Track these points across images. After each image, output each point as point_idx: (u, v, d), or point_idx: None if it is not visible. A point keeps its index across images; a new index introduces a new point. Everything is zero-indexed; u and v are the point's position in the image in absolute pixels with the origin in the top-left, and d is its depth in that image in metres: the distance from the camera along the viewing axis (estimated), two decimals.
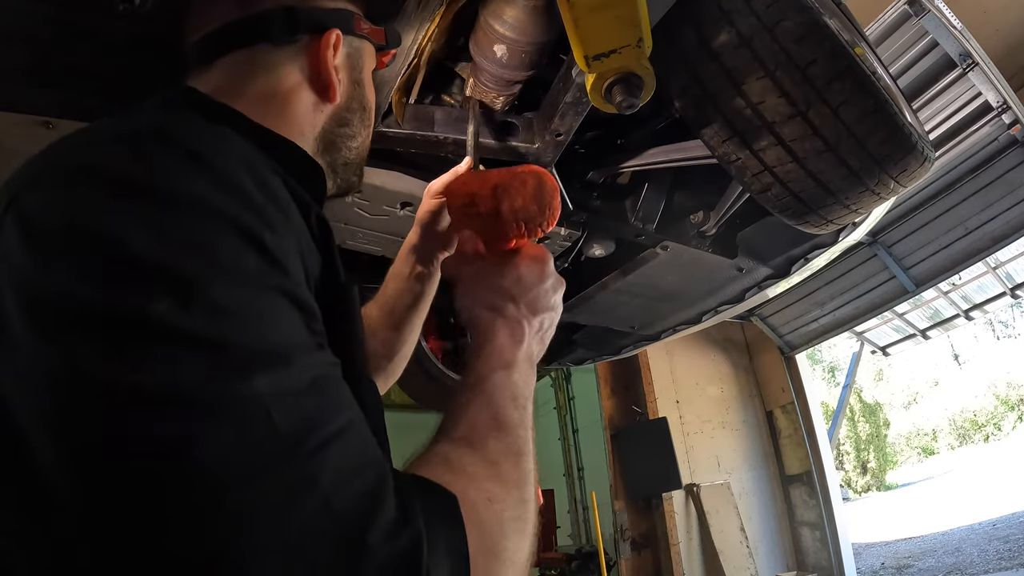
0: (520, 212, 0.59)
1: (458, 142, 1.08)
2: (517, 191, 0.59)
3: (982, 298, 5.70)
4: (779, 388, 6.11)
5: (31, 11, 0.74)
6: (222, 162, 0.40)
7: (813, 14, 0.92)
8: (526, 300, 0.60)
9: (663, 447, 5.02)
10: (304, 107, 0.60)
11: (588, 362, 2.43)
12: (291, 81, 0.59)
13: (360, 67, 0.66)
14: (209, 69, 0.58)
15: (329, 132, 0.63)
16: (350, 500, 0.32)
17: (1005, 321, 20.32)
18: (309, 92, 0.60)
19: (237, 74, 0.58)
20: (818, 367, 18.89)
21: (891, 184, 1.04)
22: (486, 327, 0.57)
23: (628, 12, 0.69)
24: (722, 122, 1.01)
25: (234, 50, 0.59)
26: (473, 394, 0.51)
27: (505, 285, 0.60)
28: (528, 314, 0.60)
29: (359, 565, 0.30)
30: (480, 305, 0.59)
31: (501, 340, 0.56)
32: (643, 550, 5.09)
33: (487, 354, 0.55)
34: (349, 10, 0.66)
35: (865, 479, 17.10)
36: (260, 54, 0.59)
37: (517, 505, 0.43)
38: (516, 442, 0.48)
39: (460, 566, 0.36)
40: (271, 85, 0.58)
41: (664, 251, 1.52)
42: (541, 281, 0.61)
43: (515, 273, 0.60)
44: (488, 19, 0.96)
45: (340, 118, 0.64)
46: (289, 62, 0.60)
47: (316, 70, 0.60)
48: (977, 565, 5.47)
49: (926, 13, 2.82)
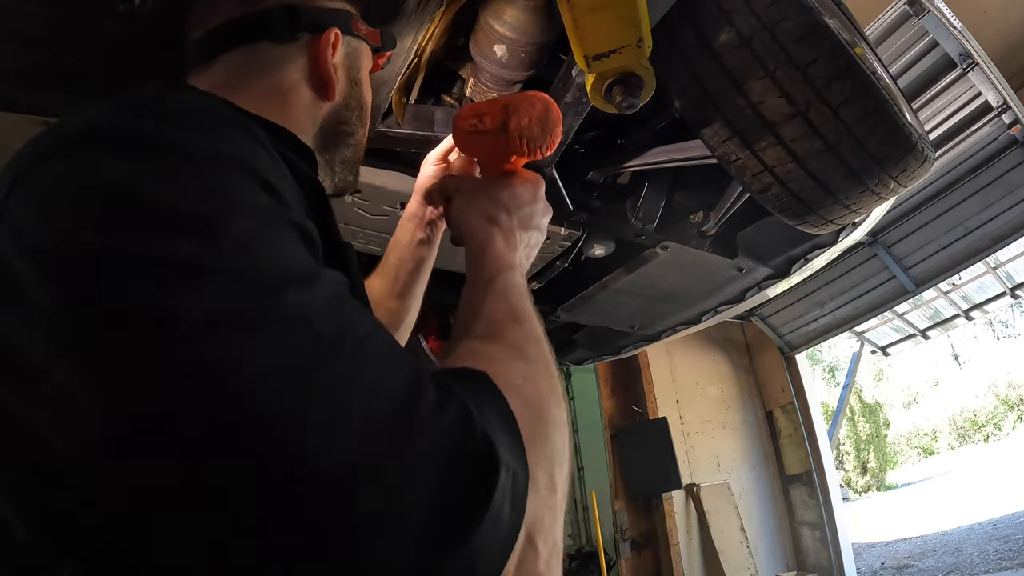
0: (525, 130, 0.62)
1: None
2: (526, 110, 0.62)
3: (982, 298, 5.71)
4: (779, 388, 6.11)
5: (31, 11, 0.74)
6: (216, 120, 0.42)
7: (813, 14, 0.92)
8: (519, 215, 0.63)
9: (663, 447, 5.02)
10: (303, 103, 0.61)
11: (588, 362, 2.43)
12: (291, 78, 0.61)
13: (358, 67, 0.68)
14: (210, 66, 0.59)
15: (328, 129, 0.64)
16: (397, 384, 0.33)
17: (1005, 321, 20.34)
18: (308, 89, 0.62)
19: (238, 70, 0.59)
20: (818, 367, 18.89)
21: (891, 184, 1.04)
22: (483, 235, 0.60)
23: (628, 12, 0.69)
24: (722, 122, 1.01)
25: (236, 47, 0.59)
26: (485, 293, 0.53)
27: (501, 198, 0.63)
28: (519, 227, 0.63)
29: (415, 435, 0.31)
30: (476, 215, 0.62)
31: (499, 246, 0.59)
32: (643, 550, 5.09)
33: (490, 259, 0.57)
34: (347, 11, 0.67)
35: (865, 479, 17.11)
36: (261, 51, 0.60)
37: (549, 378, 0.46)
38: (534, 329, 0.50)
39: (511, 426, 0.37)
40: (272, 81, 0.59)
41: (664, 251, 1.52)
42: (534, 201, 0.65)
43: (511, 189, 0.64)
44: (488, 19, 0.96)
45: (339, 115, 0.65)
46: (290, 59, 0.61)
47: (316, 68, 0.62)
48: (977, 565, 5.47)
49: (926, 13, 2.82)
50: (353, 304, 0.38)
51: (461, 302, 0.54)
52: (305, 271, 0.36)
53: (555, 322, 1.92)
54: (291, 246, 0.37)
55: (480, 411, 0.36)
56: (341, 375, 0.32)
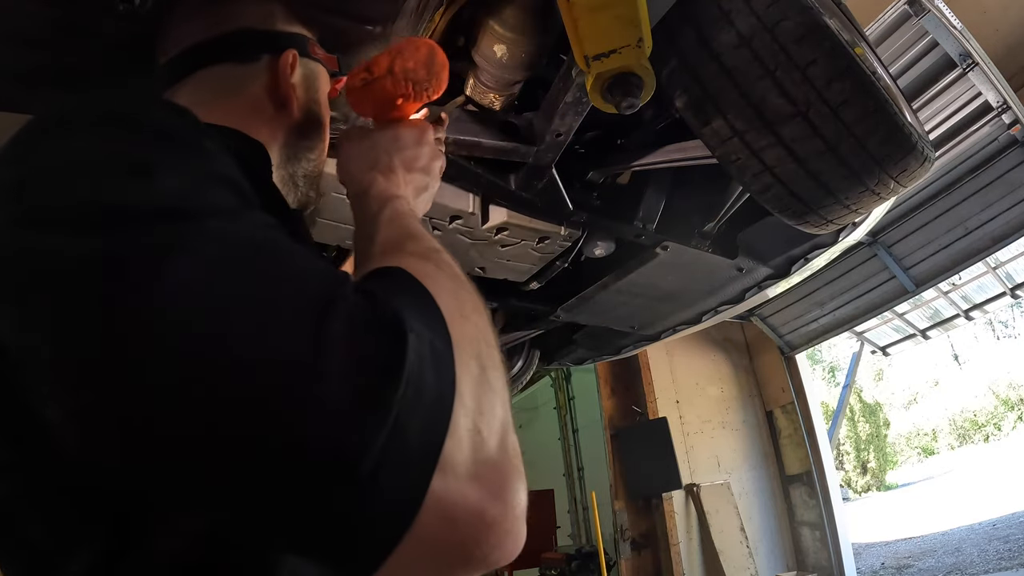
0: (411, 72, 0.64)
1: (458, 142, 1.08)
2: (410, 54, 0.64)
3: (982, 298, 5.70)
4: (779, 388, 6.11)
5: (31, 11, 0.74)
6: (156, 108, 0.44)
7: (813, 14, 0.92)
8: (401, 156, 0.64)
9: (663, 447, 5.03)
10: (267, 119, 0.65)
11: (588, 362, 2.43)
12: (254, 95, 0.64)
13: (316, 87, 0.71)
14: (180, 88, 0.63)
15: (291, 145, 0.67)
16: (314, 278, 0.35)
17: (1005, 321, 20.32)
18: (270, 105, 0.65)
19: (206, 89, 0.63)
20: (818, 367, 18.89)
21: (891, 184, 1.04)
22: (365, 178, 0.62)
23: (628, 12, 0.69)
24: (722, 122, 1.01)
25: (202, 68, 0.64)
26: (375, 225, 0.54)
27: (382, 141, 0.65)
28: (402, 167, 0.64)
29: (329, 320, 0.32)
30: (357, 159, 0.64)
31: (380, 183, 0.61)
32: (643, 550, 5.09)
33: (374, 196, 0.59)
34: (304, 35, 0.72)
35: (865, 479, 17.11)
36: (226, 71, 0.64)
37: (457, 276, 0.46)
38: (431, 243, 0.51)
39: (426, 301, 0.39)
40: (237, 98, 0.63)
41: (664, 251, 1.52)
42: (418, 144, 0.66)
43: (394, 132, 0.66)
44: (488, 19, 0.96)
45: (300, 131, 0.68)
46: (252, 78, 0.65)
47: (276, 86, 0.65)
48: (977, 565, 5.47)
49: (926, 13, 2.82)
50: (277, 231, 0.39)
51: (355, 247, 0.56)
52: (232, 206, 0.38)
53: (555, 322, 1.93)
54: (221, 189, 0.39)
55: (391, 292, 0.37)
56: (264, 270, 0.34)
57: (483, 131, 1.10)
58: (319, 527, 0.30)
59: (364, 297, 0.35)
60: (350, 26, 0.84)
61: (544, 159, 1.15)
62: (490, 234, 1.35)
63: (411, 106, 0.67)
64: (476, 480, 0.34)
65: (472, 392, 0.36)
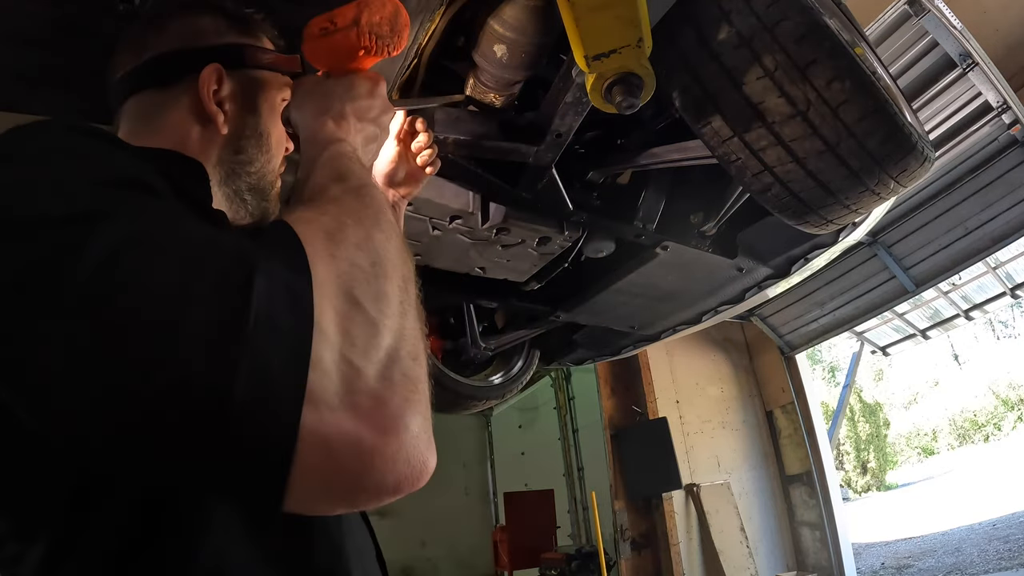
0: (375, 26, 0.64)
1: (458, 142, 1.08)
2: (377, 8, 0.65)
3: (982, 298, 5.70)
4: (779, 388, 6.11)
5: (31, 11, 0.74)
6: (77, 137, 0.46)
7: (813, 14, 0.92)
8: (353, 105, 0.65)
9: (663, 447, 5.02)
10: (195, 139, 0.65)
11: (588, 362, 2.42)
12: (178, 116, 0.65)
13: (254, 97, 0.70)
14: (119, 114, 0.66)
15: (225, 161, 0.67)
16: (196, 250, 0.38)
17: (1005, 321, 20.31)
18: (196, 125, 0.66)
19: (135, 117, 0.65)
20: (818, 367, 18.88)
21: (891, 184, 1.04)
22: (312, 122, 0.63)
23: (628, 12, 0.69)
24: (722, 122, 1.01)
25: (130, 97, 0.65)
26: (313, 167, 0.56)
27: (336, 90, 0.66)
28: (352, 115, 0.65)
29: (199, 278, 0.36)
30: (310, 106, 0.65)
31: (329, 128, 0.62)
32: (643, 550, 5.09)
33: (320, 140, 0.60)
34: (241, 44, 0.70)
35: (865, 479, 17.09)
36: (150, 97, 0.65)
37: (358, 216, 0.48)
38: (358, 181, 0.54)
39: (288, 245, 0.42)
40: (162, 123, 0.64)
41: (664, 251, 1.52)
42: (371, 96, 0.67)
43: (348, 81, 0.66)
44: (488, 19, 0.96)
45: (234, 146, 0.68)
46: (176, 100, 0.65)
47: (198, 104, 0.65)
48: (977, 565, 5.47)
49: (926, 13, 2.82)
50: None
51: (294, 187, 0.58)
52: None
53: (555, 322, 1.93)
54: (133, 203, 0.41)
55: (261, 246, 0.40)
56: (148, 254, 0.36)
57: (483, 131, 1.10)
58: (216, 461, 0.34)
59: (233, 258, 0.38)
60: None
61: (544, 159, 1.15)
62: (490, 234, 1.35)
63: (369, 60, 0.67)
64: (351, 410, 0.36)
65: (339, 326, 0.38)
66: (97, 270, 0.35)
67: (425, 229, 1.28)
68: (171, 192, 0.46)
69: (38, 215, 0.37)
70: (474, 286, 1.66)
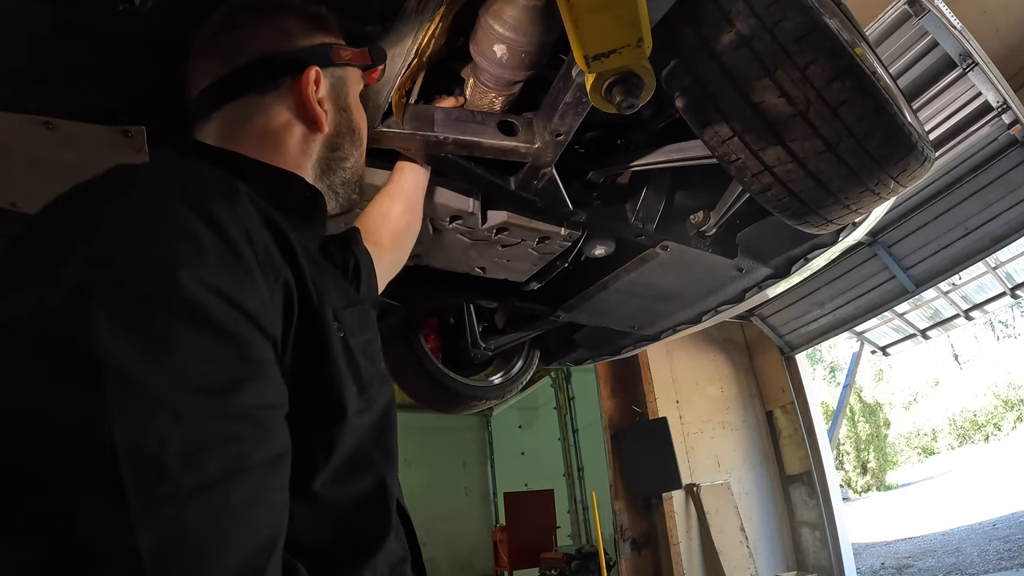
0: None
1: (458, 142, 1.08)
2: None
3: (982, 298, 5.70)
4: (779, 388, 6.11)
5: (31, 11, 0.74)
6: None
7: (813, 14, 0.91)
8: None
9: (663, 447, 5.02)
10: (296, 141, 0.66)
11: (588, 362, 2.42)
12: (281, 120, 0.65)
13: (345, 94, 0.72)
14: (208, 122, 0.64)
15: (324, 159, 0.69)
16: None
17: (1005, 321, 20.28)
18: (299, 126, 0.66)
19: (233, 122, 0.64)
20: (818, 367, 18.88)
21: (891, 184, 1.04)
22: None
23: (628, 12, 0.69)
24: (722, 122, 1.01)
25: (227, 102, 0.64)
26: None
27: None
28: None
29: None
30: None
31: None
32: (643, 550, 5.09)
33: None
34: (327, 43, 0.71)
35: (865, 479, 17.09)
36: (250, 102, 0.65)
37: None
38: None
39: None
40: (264, 127, 0.64)
41: (664, 251, 1.52)
42: None
43: None
44: (488, 19, 0.96)
45: (332, 144, 0.69)
46: (277, 104, 0.65)
47: (302, 106, 0.66)
48: (977, 565, 5.47)
49: (926, 13, 2.82)
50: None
51: None
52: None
53: (555, 322, 1.92)
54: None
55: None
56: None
57: (483, 131, 1.09)
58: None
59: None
60: (348, 25, 0.84)
61: (544, 159, 1.15)
62: (490, 234, 1.35)
63: None
64: None
65: None
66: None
67: (425, 229, 1.28)
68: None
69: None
70: (474, 286, 1.66)
